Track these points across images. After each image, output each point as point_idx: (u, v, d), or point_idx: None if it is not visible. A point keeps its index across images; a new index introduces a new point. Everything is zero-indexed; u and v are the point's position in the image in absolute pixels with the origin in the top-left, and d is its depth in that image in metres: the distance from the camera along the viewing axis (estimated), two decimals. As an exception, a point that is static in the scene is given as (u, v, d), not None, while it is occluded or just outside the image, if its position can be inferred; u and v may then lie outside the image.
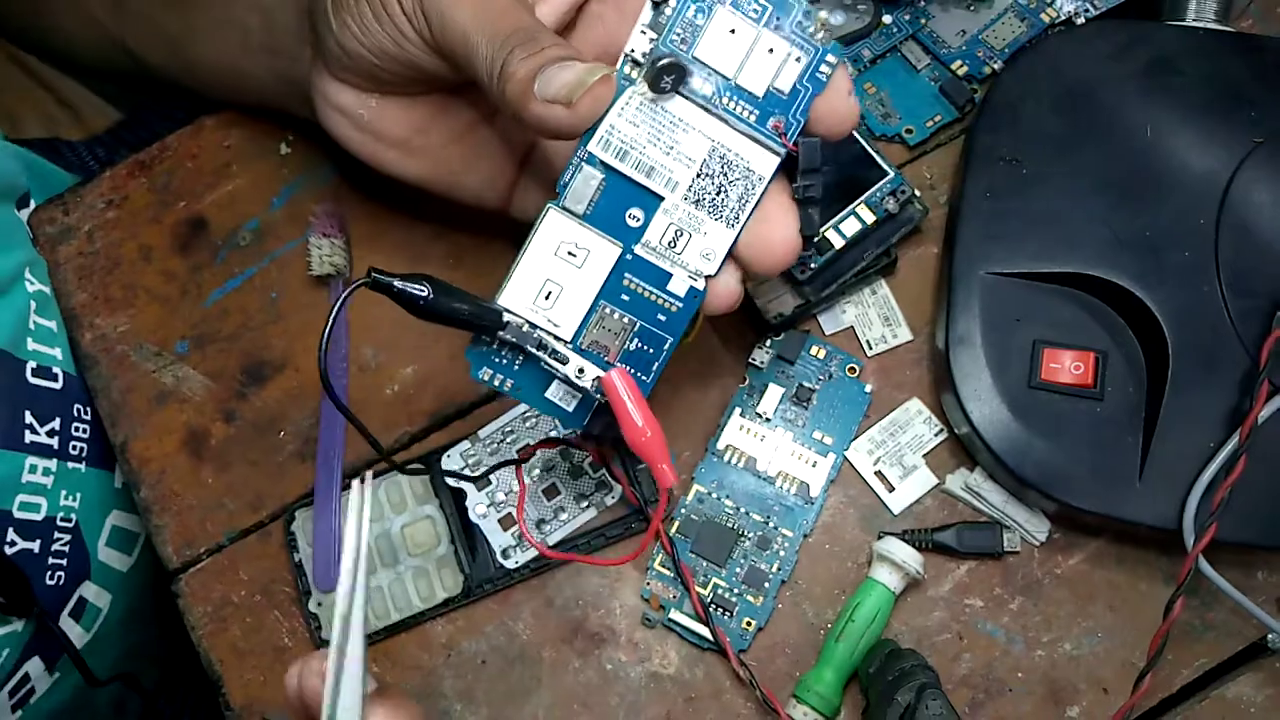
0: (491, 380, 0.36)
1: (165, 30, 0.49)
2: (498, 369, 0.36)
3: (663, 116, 0.34)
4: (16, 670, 0.47)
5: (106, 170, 0.51)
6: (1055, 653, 0.43)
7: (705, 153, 0.35)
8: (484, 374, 0.36)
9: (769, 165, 0.35)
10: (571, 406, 0.37)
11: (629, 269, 0.36)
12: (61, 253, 0.50)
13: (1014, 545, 0.44)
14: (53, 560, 0.48)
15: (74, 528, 0.49)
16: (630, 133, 0.34)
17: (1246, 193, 0.43)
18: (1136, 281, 0.42)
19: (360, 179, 0.50)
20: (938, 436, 0.46)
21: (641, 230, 0.35)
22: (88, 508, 0.50)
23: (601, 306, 0.36)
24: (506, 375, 0.37)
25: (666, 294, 0.36)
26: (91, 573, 0.51)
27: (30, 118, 0.76)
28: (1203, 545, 0.39)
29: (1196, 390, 0.41)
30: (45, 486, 0.47)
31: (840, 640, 0.42)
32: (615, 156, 0.35)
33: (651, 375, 0.37)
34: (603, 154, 0.35)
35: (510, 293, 0.35)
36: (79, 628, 0.51)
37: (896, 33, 0.49)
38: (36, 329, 0.48)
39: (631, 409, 0.35)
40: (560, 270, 0.35)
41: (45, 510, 0.47)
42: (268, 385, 0.48)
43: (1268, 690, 0.43)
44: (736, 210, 0.35)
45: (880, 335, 0.47)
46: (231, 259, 0.50)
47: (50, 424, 0.48)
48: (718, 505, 0.45)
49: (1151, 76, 0.45)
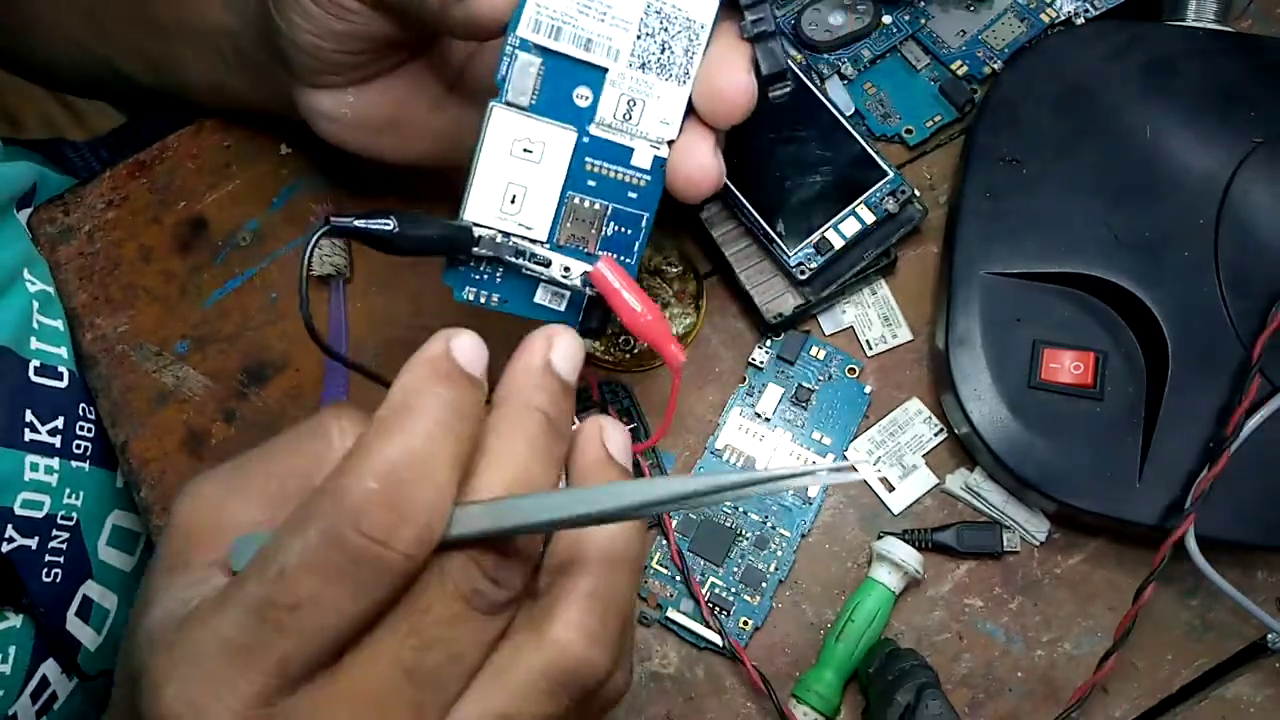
0: (476, 299, 0.35)
1: (149, 54, 0.50)
2: (480, 286, 0.35)
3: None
4: (33, 673, 0.48)
5: (107, 171, 0.51)
6: (1055, 652, 0.43)
7: (641, 10, 0.33)
8: (468, 294, 0.35)
9: (708, 9, 0.33)
10: (563, 306, 0.36)
11: (589, 152, 0.34)
12: (62, 253, 0.50)
13: (1014, 545, 0.44)
14: (50, 558, 0.48)
15: (74, 526, 0.49)
16: (558, 7, 0.33)
17: (1246, 193, 0.43)
18: (1136, 281, 0.42)
19: (361, 179, 0.50)
20: (937, 436, 0.46)
21: (592, 109, 0.34)
22: (90, 506, 0.50)
23: (570, 198, 0.35)
24: (490, 290, 0.35)
25: (632, 169, 0.35)
26: (94, 572, 0.51)
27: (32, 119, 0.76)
28: (1180, 533, 0.39)
29: (1196, 390, 0.41)
30: (49, 485, 0.47)
31: (840, 640, 0.42)
32: (548, 36, 0.33)
33: (635, 256, 0.36)
34: (534, 36, 0.33)
35: (474, 205, 0.34)
36: (89, 629, 0.51)
37: (896, 33, 0.49)
38: (41, 328, 0.48)
39: (626, 296, 0.34)
40: (519, 170, 0.34)
41: (48, 508, 0.48)
42: (268, 385, 0.48)
43: (1267, 690, 0.43)
44: (685, 65, 0.34)
45: (880, 335, 0.47)
46: (232, 259, 0.50)
47: (53, 423, 0.48)
48: (716, 505, 0.45)
49: (1151, 77, 0.45)
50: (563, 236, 0.35)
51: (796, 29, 0.49)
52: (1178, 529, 0.39)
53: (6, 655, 0.46)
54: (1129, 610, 0.40)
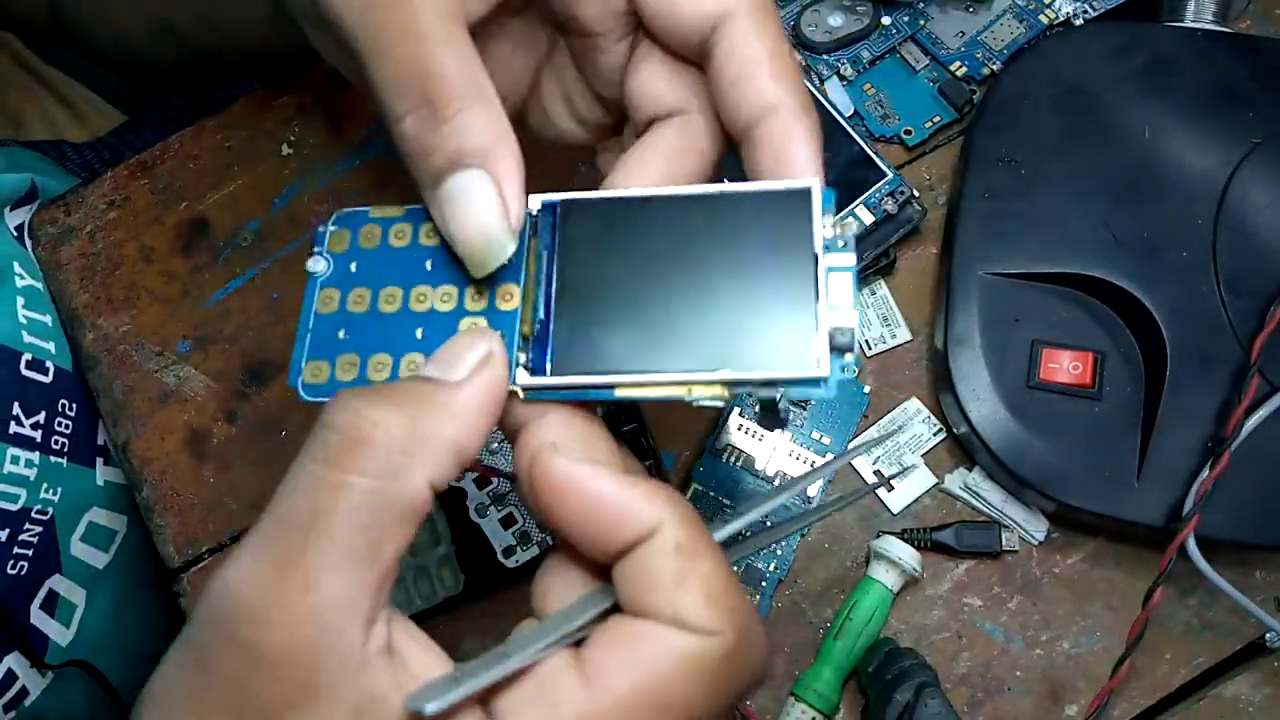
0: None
1: (202, 10, 0.49)
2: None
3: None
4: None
5: (108, 171, 0.51)
6: (1054, 651, 0.44)
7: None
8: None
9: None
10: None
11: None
12: (63, 254, 0.51)
13: (1012, 544, 0.44)
14: (18, 550, 0.48)
15: (48, 521, 0.49)
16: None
17: (1244, 193, 0.43)
18: (1135, 282, 0.42)
19: (361, 179, 0.50)
20: (936, 436, 0.46)
21: None
22: (66, 502, 0.50)
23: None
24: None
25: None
26: (62, 567, 0.51)
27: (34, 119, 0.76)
28: (1184, 535, 0.39)
29: (1195, 390, 0.41)
30: (27, 478, 0.48)
31: (838, 639, 0.43)
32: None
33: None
34: None
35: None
36: (55, 623, 0.51)
37: (895, 34, 0.49)
38: (30, 323, 0.49)
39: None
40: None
41: (23, 501, 0.48)
42: (269, 385, 0.48)
43: (1266, 689, 0.43)
44: None
45: (879, 335, 0.47)
46: (233, 259, 0.50)
47: (35, 417, 0.48)
48: (715, 504, 0.45)
49: (1150, 77, 0.45)
50: None
51: (796, 30, 0.49)
52: (1182, 531, 0.39)
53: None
54: (1136, 614, 0.40)
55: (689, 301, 0.27)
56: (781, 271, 0.27)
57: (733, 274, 0.27)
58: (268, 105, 0.52)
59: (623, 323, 0.28)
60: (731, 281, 0.27)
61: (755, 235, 0.27)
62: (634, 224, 0.28)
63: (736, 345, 0.27)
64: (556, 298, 0.28)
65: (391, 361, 0.29)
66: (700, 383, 0.27)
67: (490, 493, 0.46)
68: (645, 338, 0.27)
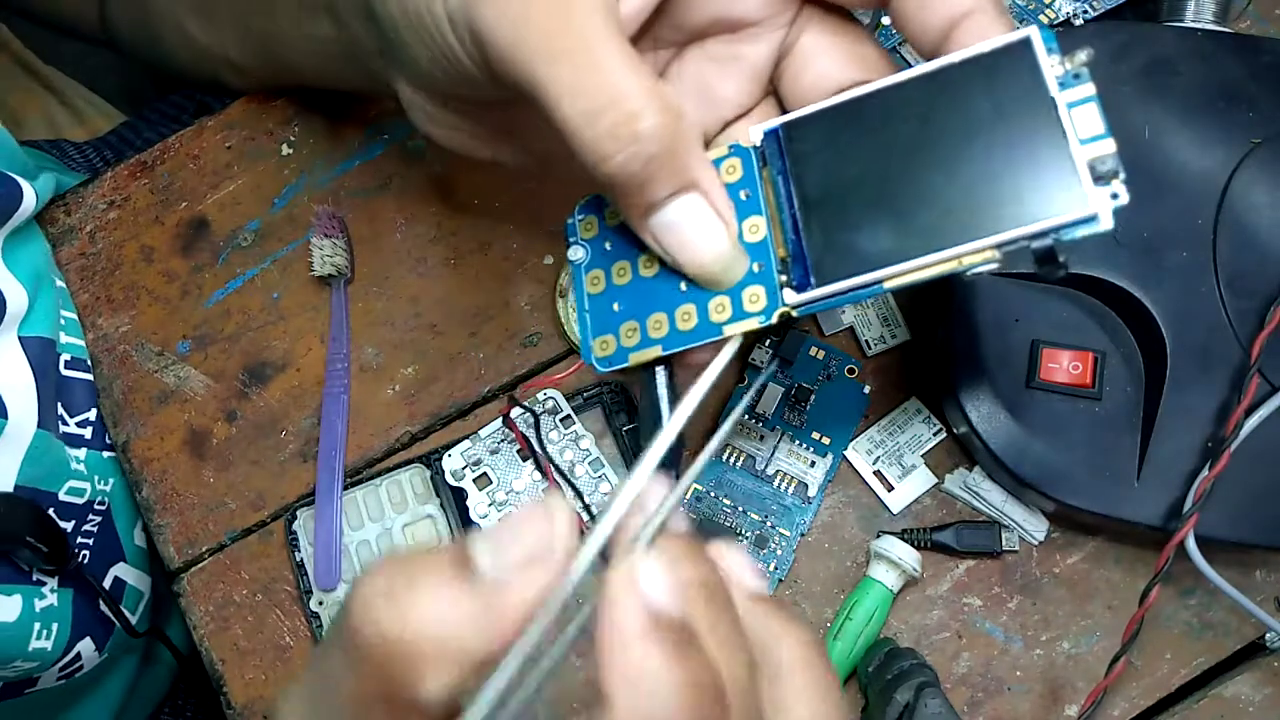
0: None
1: (257, 39, 0.49)
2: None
3: None
4: (70, 650, 0.48)
5: (108, 171, 0.52)
6: (1053, 651, 0.44)
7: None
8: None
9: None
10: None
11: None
12: (64, 253, 0.51)
13: (1012, 544, 0.44)
14: (81, 540, 0.49)
15: (106, 511, 0.50)
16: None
17: (1244, 193, 0.43)
18: (1135, 282, 0.42)
19: (361, 179, 0.50)
20: (936, 436, 0.46)
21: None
22: (119, 492, 0.51)
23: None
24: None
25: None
26: (126, 555, 0.52)
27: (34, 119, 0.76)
28: (1183, 534, 0.39)
29: (1195, 390, 0.41)
30: (83, 473, 0.48)
31: (838, 638, 0.43)
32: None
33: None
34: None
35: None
36: (123, 610, 0.52)
37: (896, 34, 0.49)
38: (66, 323, 0.49)
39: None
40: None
41: (88, 495, 0.49)
42: (269, 385, 0.49)
43: (1266, 689, 0.43)
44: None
45: (879, 335, 0.47)
46: (233, 259, 0.50)
47: (83, 414, 0.49)
48: (715, 504, 0.45)
49: (1150, 77, 0.45)
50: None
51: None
52: (1180, 530, 0.39)
53: (50, 632, 0.47)
54: (1134, 613, 0.40)
55: (934, 180, 0.27)
56: (1022, 123, 0.27)
57: (972, 141, 0.27)
58: (268, 105, 0.52)
59: (872, 218, 0.28)
60: (973, 149, 0.27)
61: (984, 98, 0.27)
62: (858, 124, 0.28)
63: (996, 207, 0.26)
64: (802, 214, 0.29)
65: (667, 318, 0.30)
66: (970, 253, 0.26)
67: (490, 493, 0.46)
68: (899, 226, 0.27)
